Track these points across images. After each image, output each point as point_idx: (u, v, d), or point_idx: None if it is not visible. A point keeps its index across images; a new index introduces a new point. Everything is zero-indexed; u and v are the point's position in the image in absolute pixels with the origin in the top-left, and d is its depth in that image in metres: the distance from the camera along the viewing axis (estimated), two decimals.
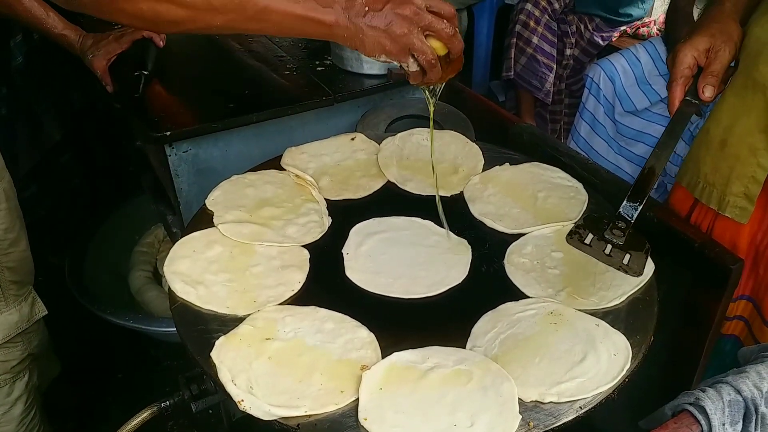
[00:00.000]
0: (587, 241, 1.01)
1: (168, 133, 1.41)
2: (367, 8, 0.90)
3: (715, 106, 1.12)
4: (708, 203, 1.16)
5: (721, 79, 1.03)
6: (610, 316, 1.00)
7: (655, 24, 2.83)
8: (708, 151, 1.14)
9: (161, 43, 1.70)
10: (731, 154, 1.09)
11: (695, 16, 2.42)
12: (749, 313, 1.19)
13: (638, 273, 0.98)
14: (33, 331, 1.49)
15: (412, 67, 0.96)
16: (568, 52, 2.89)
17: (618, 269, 0.98)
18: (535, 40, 2.89)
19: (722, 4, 1.08)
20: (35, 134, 2.06)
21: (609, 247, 1.00)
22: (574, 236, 1.01)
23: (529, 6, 2.87)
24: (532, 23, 2.88)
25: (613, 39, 2.79)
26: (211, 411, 1.90)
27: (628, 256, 0.99)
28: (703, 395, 0.85)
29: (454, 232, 1.17)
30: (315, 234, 1.16)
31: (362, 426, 0.83)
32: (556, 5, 2.89)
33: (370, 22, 0.91)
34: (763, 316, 1.14)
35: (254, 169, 1.32)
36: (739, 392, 0.86)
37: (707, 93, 1.01)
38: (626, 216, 1.02)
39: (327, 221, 1.19)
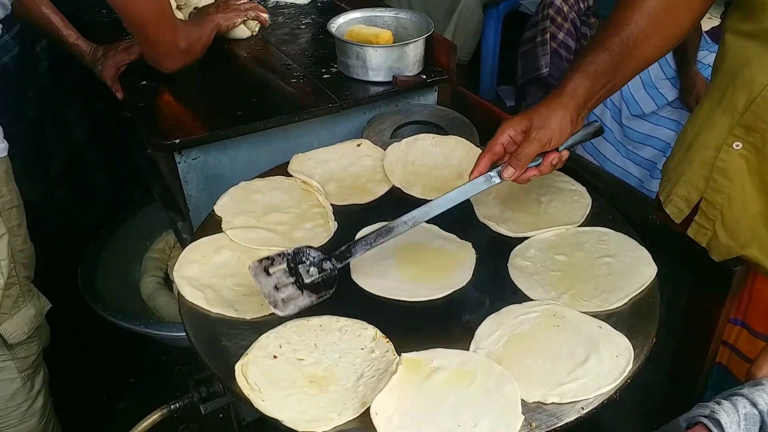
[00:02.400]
0: (272, 269, 1.00)
1: (177, 141, 1.43)
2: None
3: (697, 106, 1.14)
4: (660, 194, 1.19)
5: (524, 163, 1.03)
6: (612, 318, 1.00)
7: None
8: (678, 148, 1.16)
9: None
10: (689, 159, 1.11)
11: (703, 20, 2.43)
12: (734, 336, 1.19)
13: (283, 312, 0.98)
14: (43, 325, 1.53)
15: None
16: None
17: (269, 302, 0.98)
18: (560, 36, 2.86)
19: (561, 91, 1.05)
20: (63, 136, 2.11)
21: (286, 281, 1.00)
22: (263, 261, 1.00)
23: (558, 1, 2.84)
24: (559, 19, 2.85)
25: None
26: (221, 415, 1.94)
27: (294, 294, 1.00)
28: (718, 408, 0.85)
29: (458, 236, 1.18)
30: (321, 239, 1.18)
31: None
32: (582, 5, 2.87)
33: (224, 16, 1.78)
34: (750, 327, 1.14)
35: (262, 176, 1.34)
36: (755, 405, 0.85)
37: (506, 173, 1.03)
38: (333, 264, 1.03)
39: (333, 226, 1.21)
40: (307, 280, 1.02)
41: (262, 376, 0.91)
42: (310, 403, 0.88)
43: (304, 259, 1.03)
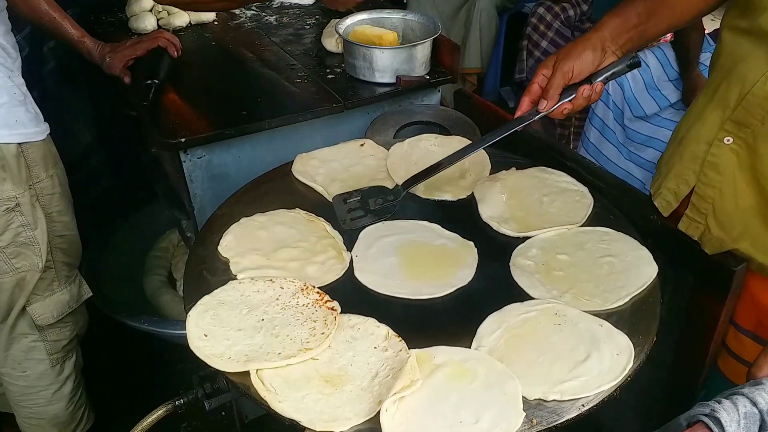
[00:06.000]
0: (350, 200, 1.24)
1: (183, 140, 1.44)
2: None
3: (693, 102, 1.15)
4: (651, 187, 1.22)
5: (554, 93, 1.10)
6: (613, 317, 1.01)
7: None
8: (671, 142, 1.18)
9: (176, 53, 1.74)
10: (679, 153, 1.13)
11: (706, 22, 2.43)
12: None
13: (348, 227, 1.19)
14: (80, 312, 1.60)
15: None
16: None
17: (341, 221, 1.19)
18: (544, 44, 2.91)
19: (594, 30, 1.12)
20: (65, 137, 2.12)
21: (356, 208, 1.22)
22: (344, 195, 1.25)
23: (541, 10, 2.89)
24: (542, 27, 2.90)
25: None
26: (223, 413, 1.95)
27: (360, 215, 1.21)
28: (718, 406, 0.85)
29: (461, 236, 1.19)
30: (337, 271, 1.12)
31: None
32: (571, 12, 2.90)
33: None
34: (737, 323, 1.15)
35: (264, 181, 1.33)
36: (755, 404, 0.85)
37: (540, 106, 1.12)
38: (396, 195, 1.24)
39: (347, 256, 1.14)
40: (374, 207, 1.23)
41: (277, 377, 0.92)
42: (326, 403, 0.89)
43: (373, 193, 1.26)
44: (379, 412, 0.86)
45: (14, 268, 1.42)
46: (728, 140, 1.03)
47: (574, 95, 1.10)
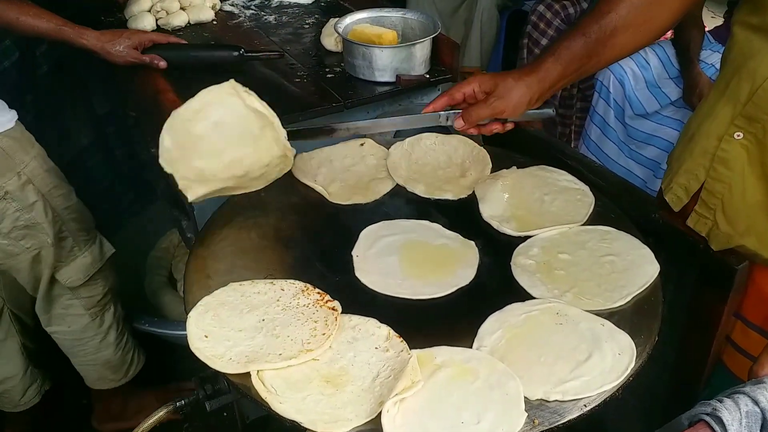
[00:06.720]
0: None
1: None
2: None
3: (703, 98, 1.15)
4: (662, 182, 1.21)
5: (473, 121, 1.12)
6: (615, 316, 1.01)
7: None
8: (682, 138, 1.18)
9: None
10: (690, 149, 1.12)
11: (706, 19, 2.43)
12: (729, 328, 1.19)
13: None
14: (108, 269, 1.73)
15: None
16: None
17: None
18: (544, 42, 2.90)
19: (533, 70, 1.10)
20: (61, 140, 2.12)
21: None
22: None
23: (541, 8, 2.88)
24: (542, 25, 2.90)
25: None
26: (225, 413, 1.95)
27: None
28: (720, 405, 0.85)
29: (462, 235, 1.19)
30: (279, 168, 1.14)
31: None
32: (571, 10, 2.90)
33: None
34: (745, 317, 1.14)
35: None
36: (756, 403, 0.85)
37: (456, 123, 1.13)
38: None
39: (291, 152, 1.14)
40: None
41: (278, 377, 0.92)
42: (327, 403, 0.89)
43: None
44: (380, 413, 0.85)
45: (25, 248, 1.52)
46: (738, 135, 1.03)
47: (486, 123, 1.15)
